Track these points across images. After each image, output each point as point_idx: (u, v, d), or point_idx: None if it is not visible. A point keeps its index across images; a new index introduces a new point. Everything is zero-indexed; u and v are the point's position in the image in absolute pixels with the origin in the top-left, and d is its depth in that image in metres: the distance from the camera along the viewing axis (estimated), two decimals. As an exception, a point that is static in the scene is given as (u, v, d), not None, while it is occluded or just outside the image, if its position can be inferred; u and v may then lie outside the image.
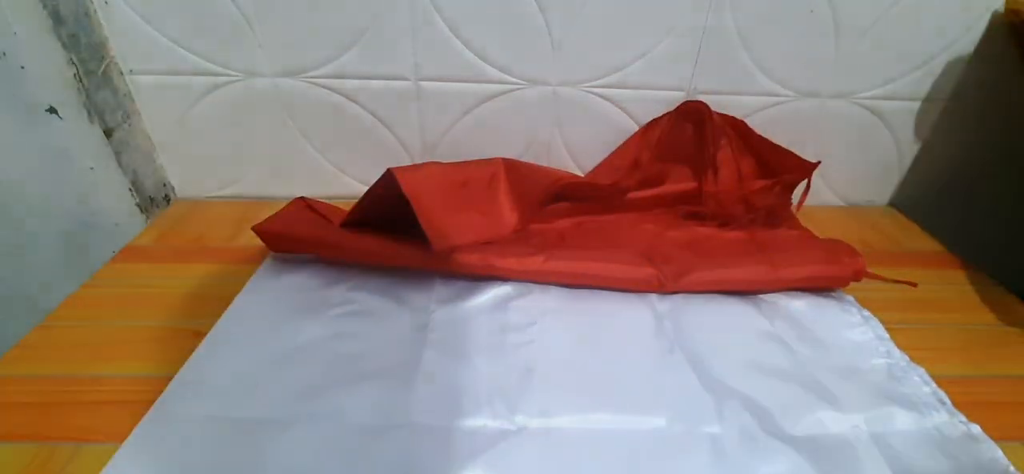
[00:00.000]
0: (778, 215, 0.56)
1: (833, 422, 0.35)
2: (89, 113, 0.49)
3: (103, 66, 0.49)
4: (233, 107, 0.53)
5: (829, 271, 0.46)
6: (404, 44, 0.50)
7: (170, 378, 0.36)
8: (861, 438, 0.34)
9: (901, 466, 0.32)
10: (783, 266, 0.45)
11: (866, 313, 0.45)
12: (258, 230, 0.47)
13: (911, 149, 0.60)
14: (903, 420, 0.35)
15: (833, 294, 0.47)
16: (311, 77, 0.52)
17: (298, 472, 0.31)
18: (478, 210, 0.47)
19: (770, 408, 0.35)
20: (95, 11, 0.47)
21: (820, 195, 0.63)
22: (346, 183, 0.59)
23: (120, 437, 0.32)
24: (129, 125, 0.53)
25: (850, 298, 0.46)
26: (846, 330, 0.43)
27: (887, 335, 0.42)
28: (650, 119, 0.56)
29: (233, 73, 0.51)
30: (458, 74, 0.52)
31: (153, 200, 0.57)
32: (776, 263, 0.45)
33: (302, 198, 0.53)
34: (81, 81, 0.48)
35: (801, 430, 0.34)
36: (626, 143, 0.57)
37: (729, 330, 0.42)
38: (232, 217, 0.56)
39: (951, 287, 0.50)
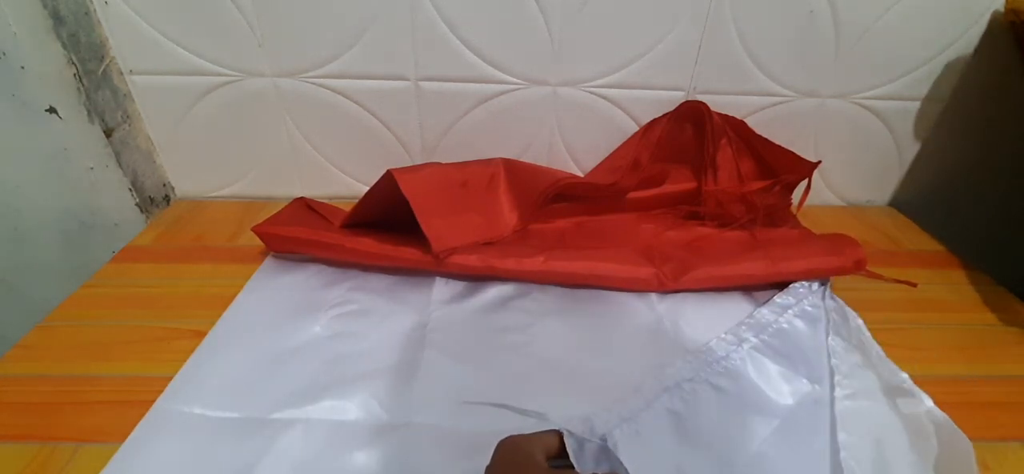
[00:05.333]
0: (778, 215, 0.56)
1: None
2: (89, 113, 0.49)
3: (103, 66, 0.49)
4: (233, 107, 0.53)
5: (829, 263, 0.46)
6: (404, 44, 0.50)
7: (170, 378, 0.36)
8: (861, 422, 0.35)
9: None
10: (782, 260, 0.45)
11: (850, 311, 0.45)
12: (258, 230, 0.47)
13: (911, 149, 0.60)
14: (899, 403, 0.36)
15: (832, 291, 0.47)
16: (311, 77, 0.52)
17: (298, 472, 0.31)
18: (478, 211, 0.47)
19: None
20: (95, 11, 0.47)
21: (820, 195, 0.63)
22: (346, 183, 0.59)
23: (120, 437, 0.32)
24: (129, 125, 0.53)
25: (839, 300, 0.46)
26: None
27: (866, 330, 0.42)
28: (650, 119, 0.56)
29: (233, 73, 0.51)
30: (458, 74, 0.52)
31: (153, 200, 0.57)
32: (775, 257, 0.45)
33: (302, 198, 0.54)
34: (81, 81, 0.48)
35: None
36: (626, 143, 0.57)
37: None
38: (232, 217, 0.56)
39: (951, 287, 0.50)
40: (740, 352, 0.38)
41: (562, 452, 0.28)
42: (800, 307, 0.43)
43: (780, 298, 0.44)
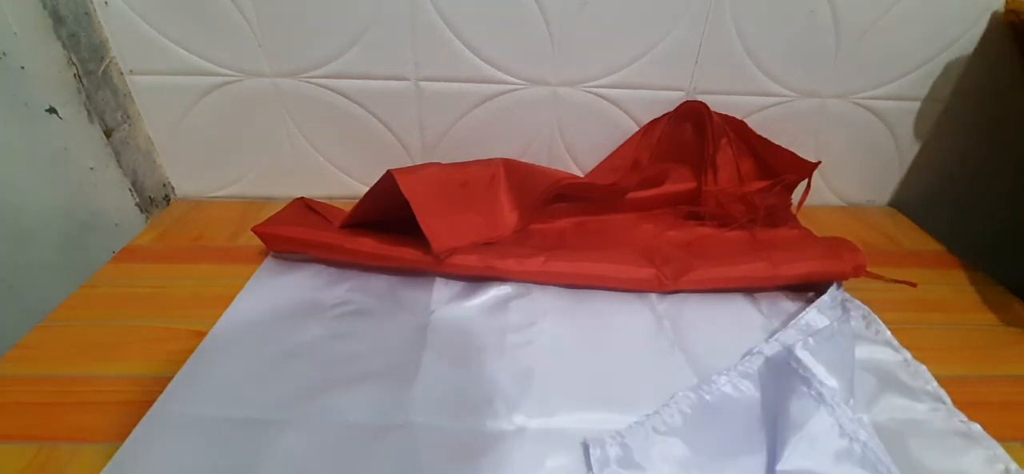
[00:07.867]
0: (778, 215, 0.56)
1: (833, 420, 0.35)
2: (89, 113, 0.49)
3: (103, 66, 0.49)
4: (233, 107, 0.53)
5: (829, 267, 0.46)
6: (404, 44, 0.50)
7: (170, 378, 0.36)
8: (861, 433, 0.34)
9: (902, 461, 0.33)
10: (782, 263, 0.45)
11: (866, 309, 0.45)
12: (258, 230, 0.47)
13: (911, 149, 0.60)
14: (902, 415, 0.36)
15: (833, 293, 0.47)
16: (311, 77, 0.52)
17: (298, 472, 0.31)
18: (478, 211, 0.47)
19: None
20: (95, 11, 0.47)
21: (820, 195, 0.63)
22: (346, 183, 0.59)
23: (120, 437, 0.32)
24: (129, 125, 0.53)
25: (848, 295, 0.46)
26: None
27: (888, 331, 0.42)
28: (650, 119, 0.56)
29: (233, 73, 0.51)
30: (458, 74, 0.52)
31: (153, 200, 0.57)
32: (775, 260, 0.45)
33: (302, 198, 0.54)
34: (81, 81, 0.48)
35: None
36: (626, 143, 0.57)
37: (728, 330, 0.43)
38: (232, 217, 0.56)
39: (951, 287, 0.50)
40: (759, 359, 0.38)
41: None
42: (843, 320, 0.41)
43: (816, 311, 0.43)
